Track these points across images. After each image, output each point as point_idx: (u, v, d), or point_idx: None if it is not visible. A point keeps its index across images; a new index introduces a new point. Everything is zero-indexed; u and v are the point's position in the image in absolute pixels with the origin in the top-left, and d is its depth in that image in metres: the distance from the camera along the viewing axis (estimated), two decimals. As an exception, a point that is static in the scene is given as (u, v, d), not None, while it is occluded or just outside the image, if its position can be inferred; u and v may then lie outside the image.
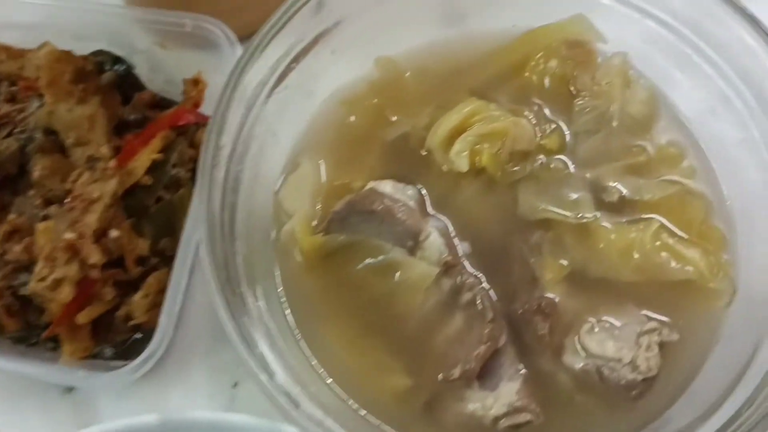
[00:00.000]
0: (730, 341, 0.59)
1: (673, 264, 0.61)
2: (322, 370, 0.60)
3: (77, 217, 0.63)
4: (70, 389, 0.69)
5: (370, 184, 0.64)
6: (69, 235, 0.62)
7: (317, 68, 0.66)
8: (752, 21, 0.60)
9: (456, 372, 0.58)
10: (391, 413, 0.59)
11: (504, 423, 0.57)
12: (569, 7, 0.69)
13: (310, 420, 0.51)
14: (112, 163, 0.65)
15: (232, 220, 0.59)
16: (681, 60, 0.66)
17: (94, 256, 0.62)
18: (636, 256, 0.61)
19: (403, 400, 0.59)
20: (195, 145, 0.71)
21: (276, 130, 0.64)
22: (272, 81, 0.63)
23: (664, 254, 0.61)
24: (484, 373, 0.59)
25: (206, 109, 0.73)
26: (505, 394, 0.58)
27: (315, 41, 0.65)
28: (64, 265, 0.61)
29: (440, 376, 0.59)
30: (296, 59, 0.64)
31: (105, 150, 0.69)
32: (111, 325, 0.66)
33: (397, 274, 0.61)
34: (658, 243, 0.61)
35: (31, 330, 0.67)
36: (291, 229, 0.63)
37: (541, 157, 0.66)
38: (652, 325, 0.59)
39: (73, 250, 0.62)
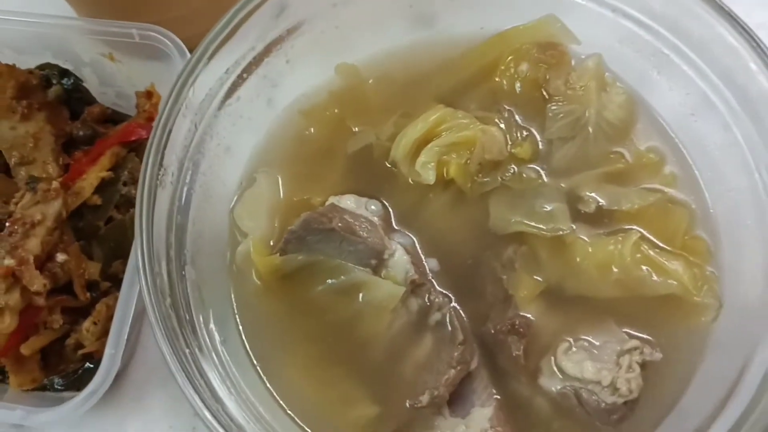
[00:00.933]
0: (718, 358, 0.57)
1: (655, 278, 0.58)
2: (282, 401, 0.56)
3: (18, 242, 0.59)
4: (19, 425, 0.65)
5: (331, 200, 0.61)
6: (8, 262, 0.58)
7: (273, 78, 0.63)
8: (732, 19, 0.58)
9: (424, 399, 0.54)
10: (356, 446, 0.55)
11: (476, 453, 0.54)
12: (540, 8, 0.66)
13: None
14: (56, 184, 0.61)
15: (180, 242, 0.56)
16: (659, 60, 0.64)
17: (37, 283, 0.58)
18: (615, 270, 0.58)
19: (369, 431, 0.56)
20: (148, 162, 0.67)
21: (229, 145, 0.61)
22: (222, 92, 0.59)
23: (645, 268, 0.58)
24: (455, 399, 0.56)
25: (161, 122, 0.69)
26: (477, 422, 0.55)
27: (268, 50, 0.62)
28: (4, 294, 0.58)
29: (408, 404, 0.55)
30: (248, 69, 0.61)
31: (52, 169, 0.65)
32: (62, 355, 0.63)
33: (361, 295, 0.58)
34: (638, 255, 0.58)
35: (-25, 362, 0.63)
36: (246, 250, 0.59)
37: (513, 166, 0.63)
38: (634, 343, 0.56)
39: (14, 278, 0.58)
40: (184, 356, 0.49)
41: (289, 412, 0.56)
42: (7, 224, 0.60)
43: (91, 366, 0.62)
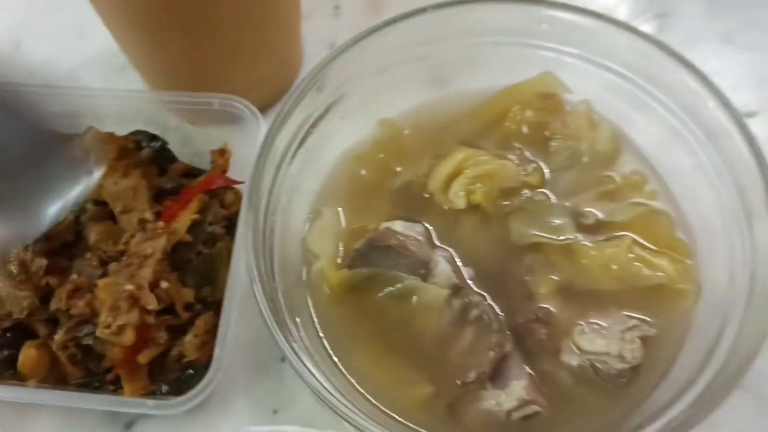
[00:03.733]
0: (699, 332, 0.71)
1: (646, 271, 0.73)
2: (355, 382, 0.71)
3: (134, 271, 0.75)
4: (128, 426, 0.80)
5: (384, 225, 0.76)
6: (129, 287, 0.73)
7: (331, 131, 0.79)
8: (691, 66, 0.74)
9: (472, 375, 0.69)
10: (419, 418, 0.70)
11: (516, 415, 0.69)
12: (537, 66, 0.83)
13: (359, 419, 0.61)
14: (161, 224, 0.77)
15: (270, 261, 0.71)
16: (635, 103, 0.80)
17: (152, 303, 0.73)
18: (614, 267, 0.74)
19: (428, 405, 0.71)
20: (225, 206, 0.84)
21: (300, 186, 0.77)
22: (294, 145, 0.76)
23: (638, 264, 0.74)
24: (496, 376, 0.71)
25: (232, 174, 0.86)
26: (515, 391, 0.69)
27: (327, 110, 0.78)
28: (126, 313, 0.73)
29: (458, 381, 0.70)
30: (313, 125, 0.77)
31: (148, 215, 0.81)
32: (164, 366, 0.77)
33: (414, 298, 0.73)
34: (631, 255, 0.74)
35: (92, 376, 0.78)
36: (320, 267, 0.75)
37: (526, 191, 0.79)
38: (633, 322, 0.71)
39: (134, 300, 0.73)
40: (288, 344, 0.64)
41: (360, 390, 0.70)
42: (123, 258, 0.76)
43: (192, 372, 0.77)
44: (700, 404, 0.62)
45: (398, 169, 0.81)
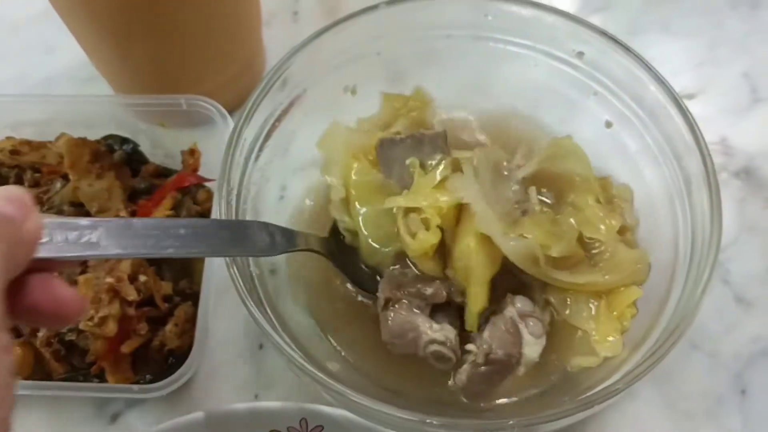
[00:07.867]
0: (649, 293, 0.77)
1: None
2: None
3: (113, 265, 0.78)
4: (114, 418, 0.83)
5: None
6: (109, 280, 0.77)
7: (294, 126, 0.84)
8: (634, 54, 0.79)
9: None
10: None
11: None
12: (488, 57, 0.88)
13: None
14: (137, 220, 0.81)
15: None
16: (583, 89, 0.86)
17: (132, 294, 0.77)
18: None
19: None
20: (198, 203, 0.88)
21: (269, 177, 0.82)
22: (261, 138, 0.80)
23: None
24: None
25: (203, 172, 0.90)
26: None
27: (290, 105, 0.83)
28: (107, 305, 0.76)
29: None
30: (278, 119, 0.82)
31: (123, 214, 0.85)
32: (147, 356, 0.81)
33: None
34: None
35: (76, 371, 0.81)
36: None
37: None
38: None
39: (114, 292, 0.77)
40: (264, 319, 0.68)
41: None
42: (102, 254, 0.79)
43: (173, 361, 0.81)
44: (648, 357, 0.67)
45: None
